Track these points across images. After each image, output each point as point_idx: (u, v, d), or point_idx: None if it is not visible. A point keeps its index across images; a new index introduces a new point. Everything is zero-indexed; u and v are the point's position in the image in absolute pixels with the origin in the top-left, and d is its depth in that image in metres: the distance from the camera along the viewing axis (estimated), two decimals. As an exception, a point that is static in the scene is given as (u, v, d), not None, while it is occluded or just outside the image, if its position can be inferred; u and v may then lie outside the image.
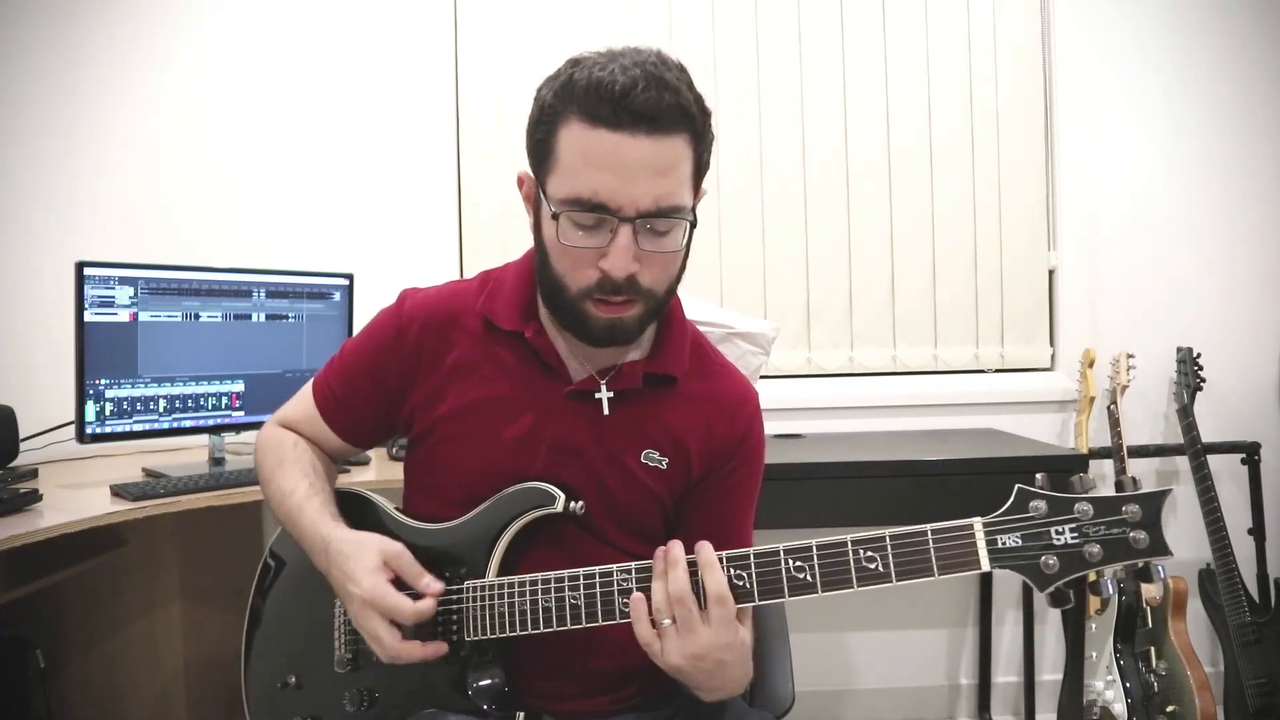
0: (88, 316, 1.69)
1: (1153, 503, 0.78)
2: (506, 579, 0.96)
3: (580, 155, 0.88)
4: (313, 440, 1.14)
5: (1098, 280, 2.42)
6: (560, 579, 0.93)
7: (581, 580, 0.92)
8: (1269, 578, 2.26)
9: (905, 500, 1.88)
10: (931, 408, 2.41)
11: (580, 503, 0.98)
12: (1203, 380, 2.27)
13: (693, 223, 0.93)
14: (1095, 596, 2.14)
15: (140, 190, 2.26)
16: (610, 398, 1.02)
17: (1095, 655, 2.14)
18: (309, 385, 1.14)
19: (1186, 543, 2.34)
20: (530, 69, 2.37)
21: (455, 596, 0.98)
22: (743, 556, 0.87)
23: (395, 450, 1.94)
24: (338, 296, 2.04)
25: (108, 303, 1.72)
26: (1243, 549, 2.23)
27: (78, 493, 1.67)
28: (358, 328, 1.14)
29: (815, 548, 0.85)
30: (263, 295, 1.93)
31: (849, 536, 0.85)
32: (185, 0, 2.29)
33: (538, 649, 0.98)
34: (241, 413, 1.91)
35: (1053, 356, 2.47)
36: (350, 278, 2.06)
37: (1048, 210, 2.46)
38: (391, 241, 2.34)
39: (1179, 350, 2.32)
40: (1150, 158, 2.42)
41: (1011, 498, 0.81)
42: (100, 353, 1.71)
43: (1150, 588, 2.14)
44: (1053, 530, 0.79)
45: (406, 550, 0.96)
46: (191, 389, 1.84)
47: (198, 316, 1.84)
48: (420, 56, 2.36)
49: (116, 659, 1.97)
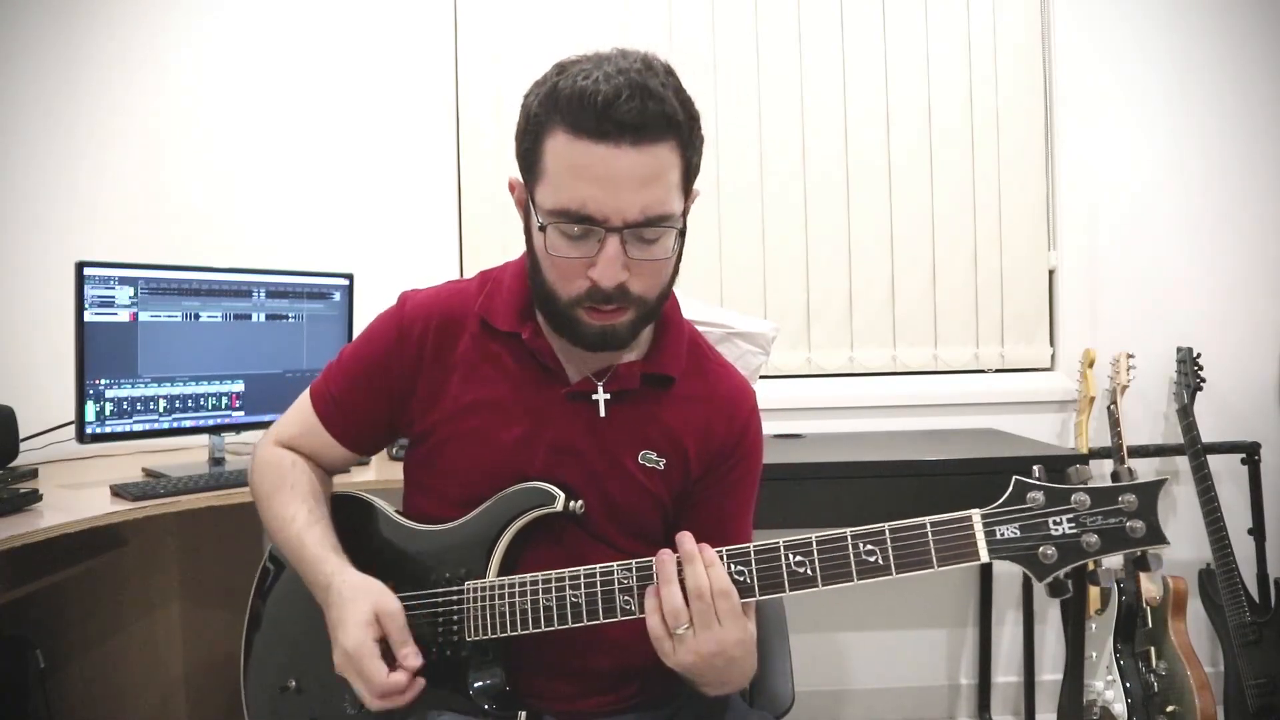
0: (88, 316, 1.69)
1: (1149, 492, 0.78)
2: (507, 579, 0.96)
3: (566, 167, 0.88)
4: (311, 454, 1.12)
5: (1098, 280, 2.42)
6: (561, 578, 0.93)
7: (582, 578, 0.92)
8: (1269, 578, 2.26)
9: (905, 500, 1.88)
10: (931, 408, 2.41)
11: (580, 502, 0.99)
12: (1203, 380, 2.27)
13: (681, 230, 0.92)
14: (1094, 586, 2.14)
15: (140, 190, 2.26)
16: (607, 399, 1.02)
17: (1095, 655, 2.14)
18: (305, 396, 1.12)
19: (1186, 543, 2.34)
20: (530, 69, 2.33)
21: (456, 597, 0.98)
22: (743, 551, 0.88)
23: (395, 450, 1.94)
24: (338, 296, 2.04)
25: (108, 303, 1.72)
26: (1243, 549, 2.23)
27: (78, 493, 1.67)
28: (358, 328, 1.14)
29: (815, 542, 0.86)
30: (263, 295, 1.93)
31: (849, 530, 0.85)
32: (185, 0, 2.30)
33: (538, 649, 0.98)
34: (241, 413, 1.91)
35: (1053, 356, 2.48)
36: (350, 278, 2.06)
37: (1048, 210, 2.46)
38: (391, 241, 2.34)
39: (1179, 350, 2.33)
40: (1150, 158, 2.42)
41: (1009, 489, 0.82)
42: (100, 353, 1.71)
43: (1149, 586, 2.14)
44: (1050, 521, 0.80)
45: (401, 612, 0.94)
46: (191, 389, 1.84)
47: (198, 316, 1.84)
48: (420, 56, 2.36)
49: (116, 659, 1.97)
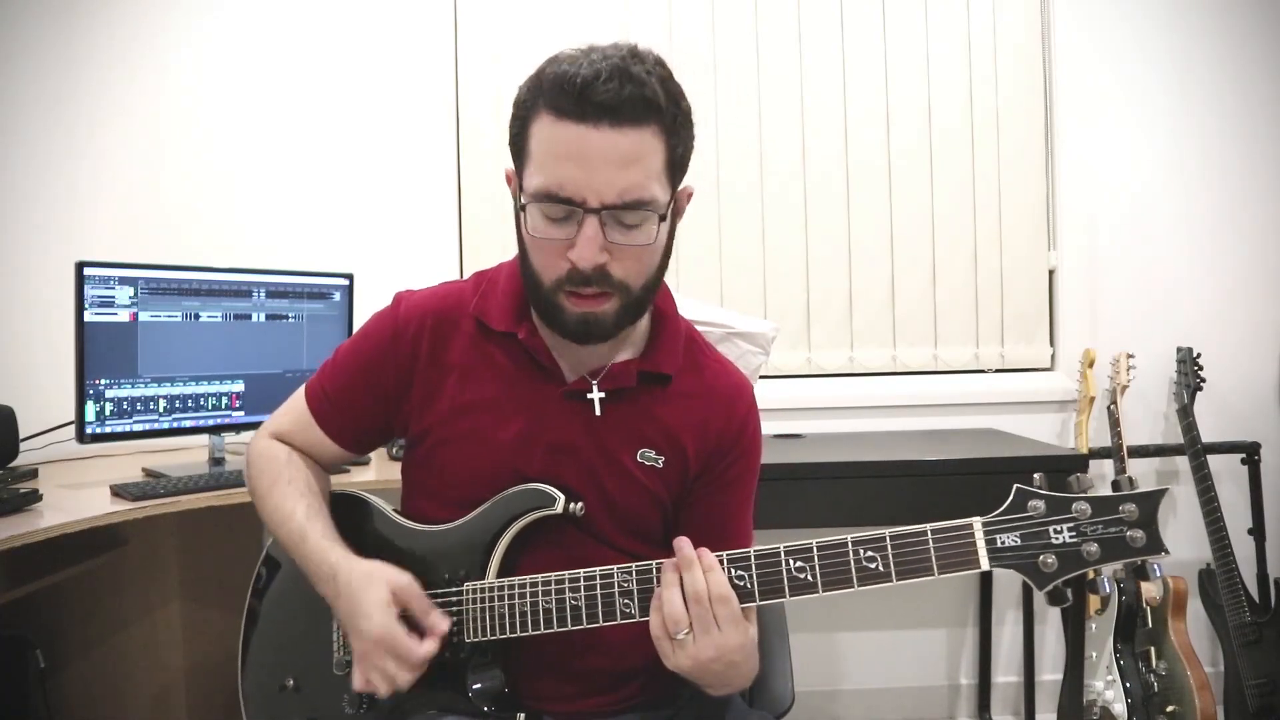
0: (88, 316, 1.69)
1: (1149, 502, 0.78)
2: (506, 580, 0.96)
3: (547, 148, 0.90)
4: (306, 450, 1.12)
5: (1098, 280, 2.42)
6: (560, 580, 0.93)
7: (582, 581, 0.92)
8: (1269, 578, 2.26)
9: (905, 500, 1.88)
10: (931, 408, 2.41)
11: (580, 504, 0.98)
12: (1203, 380, 2.27)
13: (663, 216, 0.91)
14: (1094, 595, 2.15)
15: (140, 190, 2.26)
16: (602, 398, 1.01)
17: (1095, 655, 2.14)
18: (300, 392, 1.12)
19: (1186, 543, 2.34)
20: (530, 69, 2.37)
21: (455, 598, 0.98)
22: (743, 557, 0.87)
23: (395, 450, 1.94)
24: (338, 296, 2.04)
25: (108, 303, 1.72)
26: (1243, 549, 2.24)
27: (78, 493, 1.67)
28: (357, 328, 1.14)
29: (816, 548, 0.85)
30: (263, 295, 1.93)
31: (849, 536, 0.85)
32: (185, 0, 2.30)
33: (538, 650, 0.98)
34: (241, 413, 1.91)
35: (1053, 356, 2.47)
36: (350, 278, 2.06)
37: (1048, 210, 2.46)
38: (391, 241, 2.34)
39: (1179, 350, 2.33)
40: (1150, 158, 2.42)
41: (1010, 497, 0.82)
42: (100, 353, 1.71)
43: (1149, 586, 2.14)
44: (1051, 529, 0.80)
45: (415, 582, 0.95)
46: (191, 389, 1.84)
47: (198, 316, 1.84)
48: (420, 56, 2.36)
49: (116, 659, 1.97)
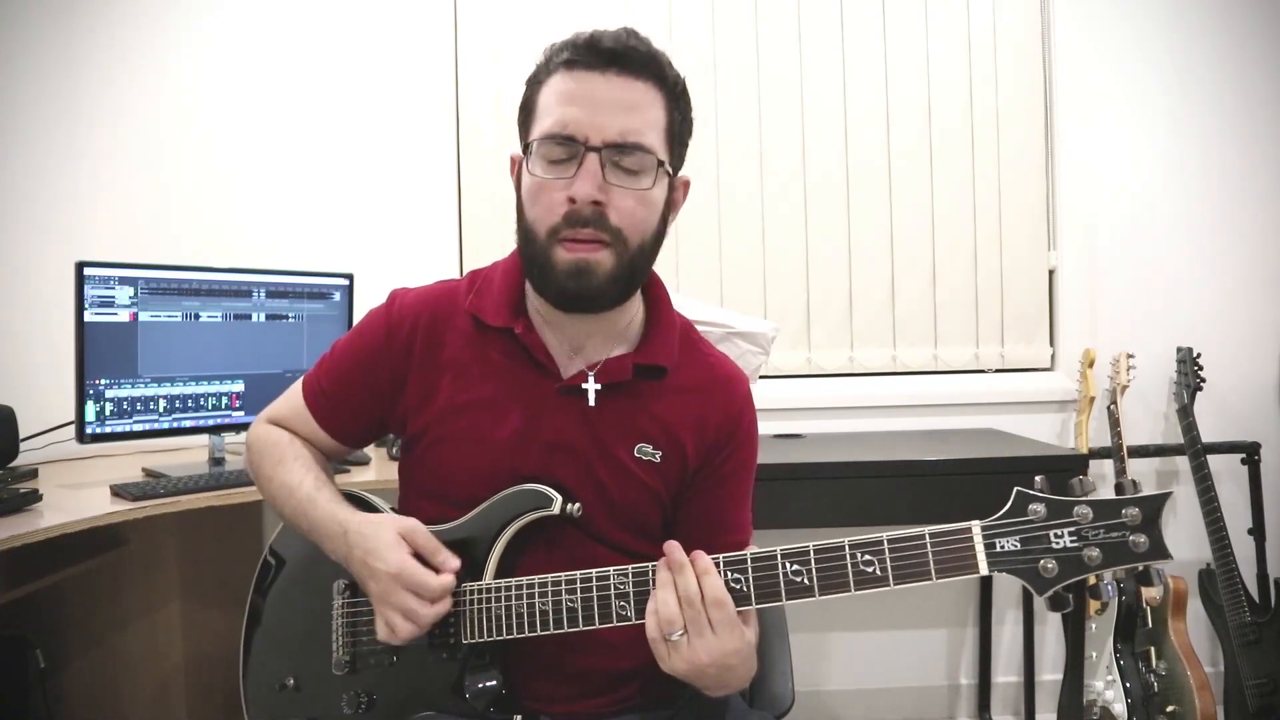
0: (88, 316, 1.69)
1: (1152, 506, 0.77)
2: (504, 581, 0.96)
3: (554, 98, 0.96)
4: (304, 438, 1.13)
5: (1098, 280, 2.42)
6: (558, 582, 0.93)
7: (579, 583, 0.92)
8: (1269, 578, 2.26)
9: (905, 500, 1.88)
10: (931, 408, 2.41)
11: (578, 505, 0.98)
12: (1203, 380, 2.27)
13: (661, 167, 0.95)
14: (1095, 600, 2.14)
15: (140, 190, 2.26)
16: (598, 390, 1.01)
17: (1095, 655, 2.15)
18: (298, 384, 1.13)
19: (1186, 543, 2.34)
20: (530, 69, 2.37)
21: (454, 599, 0.97)
22: (740, 560, 0.87)
23: (394, 450, 1.94)
24: (338, 296, 2.04)
25: (108, 303, 1.72)
26: (1243, 549, 2.23)
27: (78, 493, 1.67)
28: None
29: (813, 551, 0.85)
30: (263, 295, 1.93)
31: (846, 540, 0.84)
32: (185, 0, 2.29)
33: (536, 650, 0.98)
34: (241, 413, 1.91)
35: (1053, 356, 2.47)
36: (350, 278, 2.06)
37: (1048, 210, 2.46)
38: (391, 241, 2.34)
39: (1179, 350, 2.32)
40: (1150, 158, 2.42)
41: (1010, 501, 0.81)
42: (100, 353, 1.71)
43: (1149, 589, 2.14)
44: (1052, 534, 0.79)
45: (421, 525, 0.96)
46: (191, 389, 1.84)
47: (198, 316, 1.84)
48: (420, 56, 2.36)
49: (116, 659, 1.97)
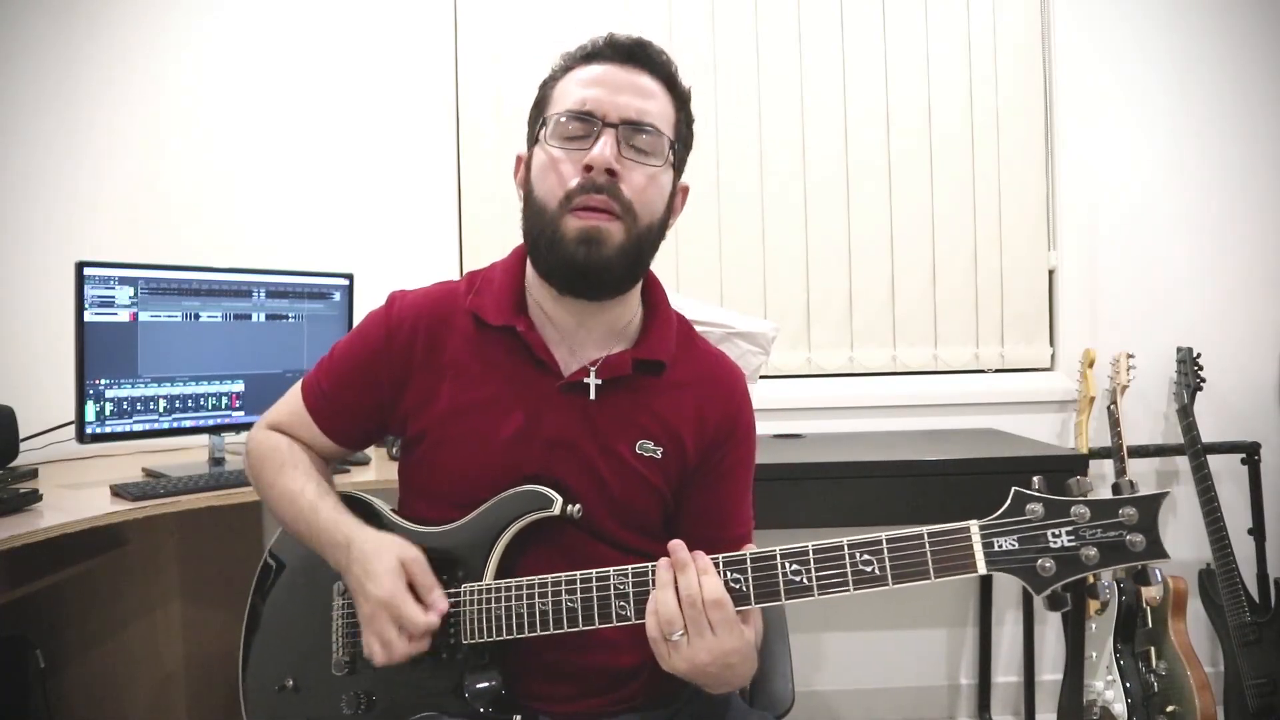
0: (88, 316, 1.70)
1: (1150, 505, 0.78)
2: (503, 582, 0.96)
3: (574, 82, 1.00)
4: (304, 443, 1.13)
5: (1098, 280, 2.42)
6: (558, 582, 0.93)
7: (579, 583, 0.92)
8: (1269, 578, 2.26)
9: (905, 500, 1.88)
10: (931, 408, 2.41)
11: (578, 506, 0.98)
12: (1203, 380, 2.27)
13: (672, 150, 1.00)
14: (1094, 600, 2.14)
15: (140, 190, 2.26)
16: (599, 384, 1.02)
17: (1095, 655, 2.14)
18: (297, 387, 1.13)
19: (1186, 543, 2.34)
20: (530, 69, 2.37)
21: (453, 599, 0.98)
22: (739, 560, 0.87)
23: (395, 451, 1.94)
24: (338, 296, 2.04)
25: (108, 303, 1.72)
26: (1243, 549, 2.23)
27: (78, 493, 1.67)
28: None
29: (811, 551, 0.85)
30: (263, 295, 1.93)
31: (845, 540, 0.84)
32: (185, 0, 2.30)
33: (536, 650, 0.98)
34: (241, 413, 1.91)
35: (1053, 356, 2.47)
36: (350, 278, 2.06)
37: (1048, 210, 2.46)
38: (391, 241, 2.34)
39: (1179, 350, 2.32)
40: (1150, 158, 2.42)
41: (1008, 501, 0.81)
42: (100, 353, 1.71)
43: (1149, 589, 2.14)
44: (1049, 533, 0.79)
45: (423, 557, 0.96)
46: (191, 389, 1.84)
47: (198, 316, 1.84)
48: (420, 56, 2.36)
49: (116, 659, 1.97)
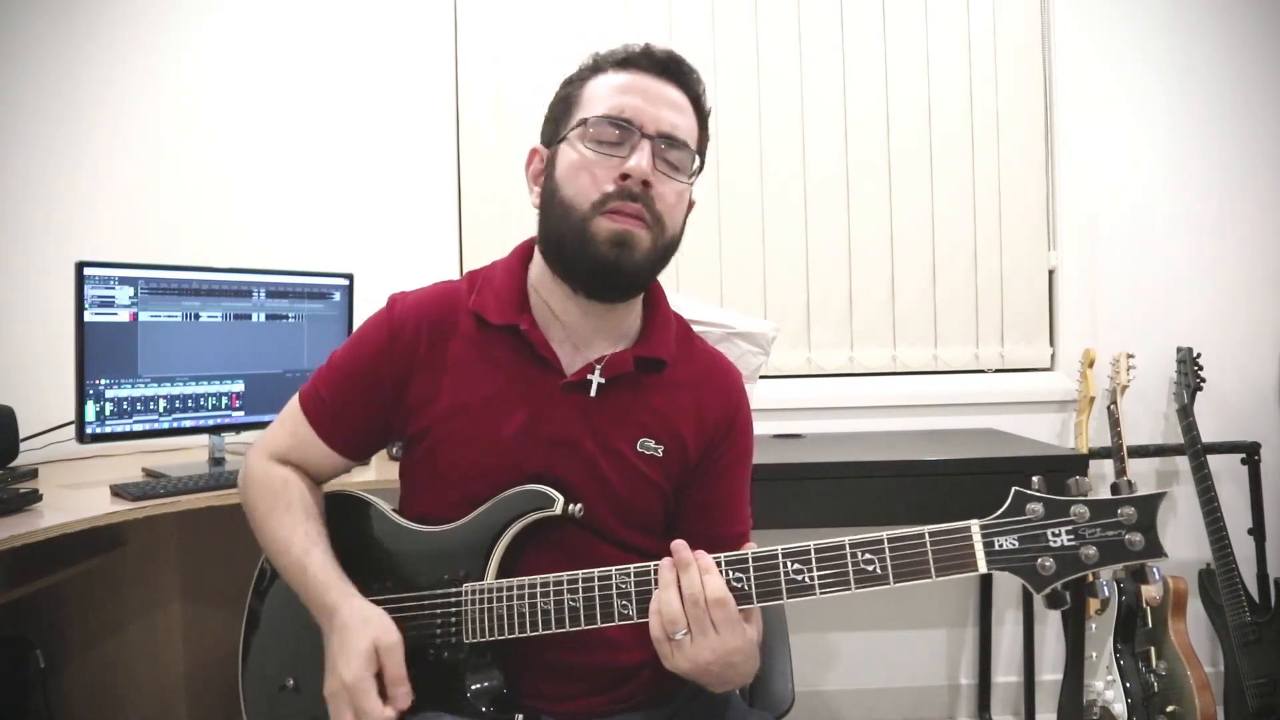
0: (88, 316, 1.69)
1: (1148, 505, 0.78)
2: (505, 581, 0.96)
3: (608, 89, 1.00)
4: (302, 464, 1.11)
5: (1098, 280, 2.42)
6: (559, 582, 0.93)
7: (580, 583, 0.92)
8: (1269, 578, 2.26)
9: (905, 500, 1.88)
10: (931, 408, 2.41)
11: (579, 505, 0.98)
12: (1203, 380, 2.27)
13: (696, 167, 1.02)
14: (1092, 599, 2.15)
15: (140, 190, 2.26)
16: (602, 383, 1.02)
17: (1095, 655, 2.14)
18: (293, 404, 1.11)
19: (1186, 543, 2.34)
20: (530, 69, 2.38)
21: (455, 599, 0.98)
22: (741, 559, 0.87)
23: (395, 451, 1.93)
24: (338, 296, 2.04)
25: (108, 303, 1.72)
26: (1243, 549, 2.23)
27: (78, 493, 1.66)
28: (357, 327, 1.14)
29: (813, 550, 0.85)
30: (263, 295, 1.93)
31: (847, 539, 0.85)
32: (185, 0, 2.30)
33: (537, 649, 0.98)
34: (241, 413, 1.91)
35: (1053, 356, 2.47)
36: (350, 278, 2.06)
37: (1048, 210, 2.46)
38: (391, 241, 2.34)
39: (1179, 350, 2.33)
40: (1150, 158, 2.42)
41: (1008, 500, 0.82)
42: (100, 353, 1.71)
43: (1148, 588, 2.14)
44: (1049, 532, 0.80)
45: (400, 647, 0.93)
46: (191, 389, 1.84)
47: (198, 316, 1.84)
48: (420, 56, 2.36)
49: (116, 659, 1.97)
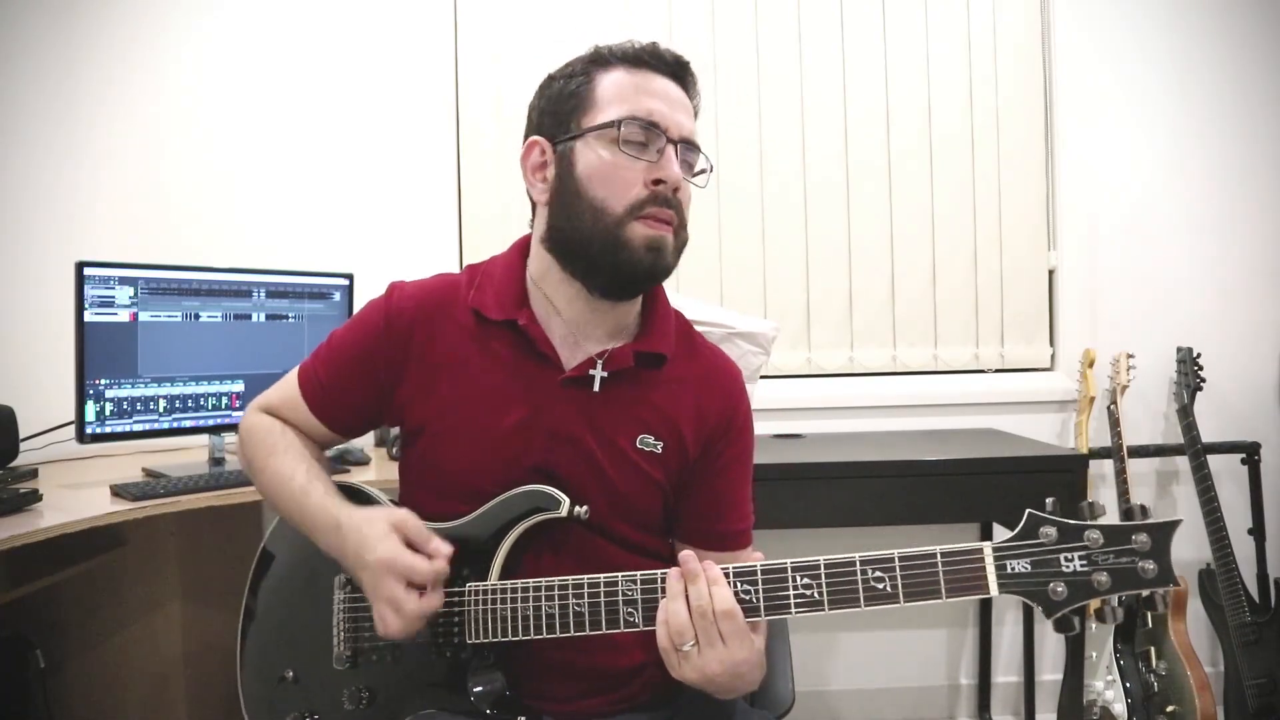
0: (88, 316, 1.69)
1: (1162, 532, 0.78)
2: (509, 583, 0.96)
3: (627, 89, 0.98)
4: (297, 427, 1.12)
5: (1098, 280, 2.42)
6: (565, 585, 0.93)
7: (586, 588, 0.92)
8: (1269, 578, 2.26)
9: (905, 500, 1.88)
10: (931, 408, 2.41)
11: (585, 507, 0.98)
12: (1203, 380, 2.27)
13: (711, 166, 1.05)
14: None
15: (140, 190, 2.26)
16: (604, 377, 1.02)
17: (1095, 655, 2.15)
18: (294, 373, 1.13)
19: (1186, 543, 2.33)
20: (530, 69, 2.36)
21: (457, 599, 0.98)
22: (749, 571, 0.86)
23: (395, 451, 1.93)
24: (338, 296, 2.04)
25: (108, 303, 1.72)
26: (1243, 549, 2.24)
27: (78, 493, 1.66)
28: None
29: (823, 566, 0.84)
30: (263, 295, 1.92)
31: (858, 555, 0.83)
32: (185, 0, 2.29)
33: (538, 650, 0.98)
34: (241, 413, 1.90)
35: (1053, 356, 2.47)
36: (350, 278, 2.06)
37: (1048, 210, 2.46)
38: (391, 241, 2.34)
39: (1179, 350, 2.33)
40: (1150, 158, 2.42)
41: (1022, 523, 0.80)
42: (100, 353, 1.71)
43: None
44: (1062, 557, 0.79)
45: (413, 515, 0.96)
46: (191, 389, 1.84)
47: (198, 316, 1.84)
48: (420, 56, 2.36)
49: (116, 658, 1.97)
